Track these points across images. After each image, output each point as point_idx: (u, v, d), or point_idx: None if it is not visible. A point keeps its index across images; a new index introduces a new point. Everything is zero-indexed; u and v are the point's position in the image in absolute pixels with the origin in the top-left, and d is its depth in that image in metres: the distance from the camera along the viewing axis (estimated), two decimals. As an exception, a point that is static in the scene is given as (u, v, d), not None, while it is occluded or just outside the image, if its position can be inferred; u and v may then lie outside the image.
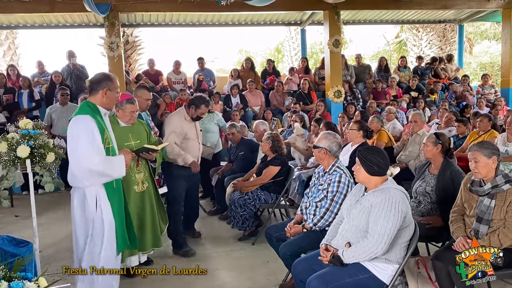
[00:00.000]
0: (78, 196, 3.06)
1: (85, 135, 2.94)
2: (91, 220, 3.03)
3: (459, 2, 10.07)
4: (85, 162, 2.93)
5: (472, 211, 3.08)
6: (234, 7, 8.37)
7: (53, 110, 7.84)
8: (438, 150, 3.81)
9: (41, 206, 6.03)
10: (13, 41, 13.27)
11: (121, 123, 3.97)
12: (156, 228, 4.12)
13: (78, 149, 2.92)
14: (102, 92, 3.09)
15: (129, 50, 12.92)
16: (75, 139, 2.95)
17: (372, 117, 6.82)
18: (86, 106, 3.08)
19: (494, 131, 6.14)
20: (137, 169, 3.96)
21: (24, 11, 8.37)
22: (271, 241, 3.77)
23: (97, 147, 2.99)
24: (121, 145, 3.68)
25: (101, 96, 3.10)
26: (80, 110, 3.07)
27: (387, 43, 22.48)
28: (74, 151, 2.95)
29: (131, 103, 3.94)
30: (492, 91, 10.95)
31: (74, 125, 2.99)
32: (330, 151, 3.56)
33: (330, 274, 2.76)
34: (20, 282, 2.09)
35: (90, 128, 2.97)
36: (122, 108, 3.93)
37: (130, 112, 3.94)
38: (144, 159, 4.00)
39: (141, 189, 4.01)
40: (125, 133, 3.94)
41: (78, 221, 3.07)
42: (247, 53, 24.10)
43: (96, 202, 3.02)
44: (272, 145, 5.03)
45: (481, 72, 18.99)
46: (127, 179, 3.79)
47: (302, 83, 9.82)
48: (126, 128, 3.98)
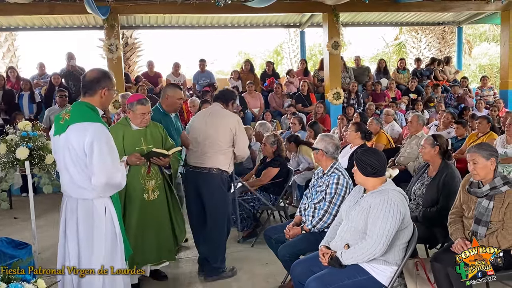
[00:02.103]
0: (85, 208, 2.70)
1: (105, 149, 2.61)
2: (102, 235, 2.72)
3: (458, 4, 10.10)
4: (107, 178, 2.61)
5: (471, 213, 3.09)
6: (233, 9, 8.39)
7: (52, 112, 7.84)
8: (436, 152, 3.80)
9: (40, 208, 6.02)
10: (12, 43, 13.29)
11: (133, 126, 3.66)
12: (168, 239, 3.80)
13: (97, 165, 2.58)
14: (100, 92, 2.75)
15: (129, 52, 12.94)
16: (91, 153, 2.58)
17: (371, 119, 6.83)
18: (89, 110, 2.71)
19: (493, 133, 6.15)
20: (148, 176, 3.63)
21: (24, 13, 8.38)
22: (270, 243, 3.77)
23: (117, 159, 2.74)
24: (132, 150, 3.53)
25: (99, 97, 2.75)
26: (83, 114, 2.68)
27: (386, 45, 22.53)
28: (89, 164, 2.60)
29: (141, 104, 3.60)
30: (491, 93, 10.96)
31: (85, 135, 2.59)
32: (327, 152, 3.56)
33: (329, 276, 2.76)
34: (18, 284, 2.09)
35: (107, 139, 2.65)
36: (132, 109, 3.62)
37: (141, 114, 3.60)
38: (156, 165, 3.66)
39: (152, 197, 3.66)
40: (137, 137, 3.64)
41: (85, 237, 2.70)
42: (246, 55, 24.13)
43: (105, 213, 2.73)
44: (277, 149, 5.09)
45: (480, 74, 19.01)
46: (137, 187, 3.58)
47: (302, 85, 9.83)
48: (138, 132, 3.66)
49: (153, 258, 3.75)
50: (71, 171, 2.67)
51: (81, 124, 2.63)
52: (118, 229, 2.79)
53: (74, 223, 2.69)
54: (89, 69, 2.89)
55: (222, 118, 3.92)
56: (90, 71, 2.83)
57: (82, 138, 2.59)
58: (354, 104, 9.66)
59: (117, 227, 2.78)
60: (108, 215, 2.73)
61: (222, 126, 3.88)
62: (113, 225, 2.76)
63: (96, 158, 2.57)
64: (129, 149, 3.52)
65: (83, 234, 2.68)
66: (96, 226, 2.69)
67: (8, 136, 3.92)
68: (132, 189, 3.56)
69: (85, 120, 2.64)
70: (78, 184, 2.66)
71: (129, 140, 3.58)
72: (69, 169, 2.67)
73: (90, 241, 2.69)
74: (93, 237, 2.69)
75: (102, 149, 2.59)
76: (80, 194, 2.68)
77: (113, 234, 2.76)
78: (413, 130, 5.91)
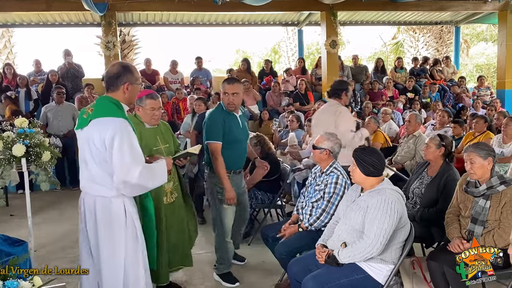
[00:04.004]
0: (103, 207, 2.58)
1: (126, 145, 2.49)
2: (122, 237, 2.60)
3: (456, 4, 10.14)
4: (123, 176, 2.48)
5: (468, 212, 3.09)
6: (230, 7, 8.40)
7: (49, 109, 7.82)
8: (440, 152, 3.75)
9: (36, 205, 6.01)
10: (9, 39, 13.25)
11: (146, 125, 3.42)
12: (185, 243, 3.66)
13: (115, 161, 2.47)
14: (123, 88, 2.62)
15: (126, 49, 12.93)
16: (110, 148, 2.48)
17: (368, 118, 6.84)
18: (112, 105, 2.59)
19: (489, 133, 6.16)
20: (169, 177, 3.36)
21: (21, 9, 8.37)
22: (267, 241, 3.77)
23: (139, 157, 2.57)
24: (150, 150, 3.30)
25: (122, 92, 2.63)
26: (107, 109, 2.58)
27: (384, 44, 22.56)
28: (108, 160, 2.50)
29: (151, 98, 3.38)
30: (488, 92, 11.00)
31: (107, 130, 2.49)
32: (332, 152, 3.54)
33: (325, 274, 2.76)
34: (14, 281, 2.08)
35: (128, 135, 2.53)
36: (141, 105, 3.38)
37: (151, 109, 3.36)
38: (174, 166, 3.49)
39: (170, 200, 3.50)
40: (153, 136, 3.41)
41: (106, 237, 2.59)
42: (244, 53, 24.12)
43: (125, 213, 2.60)
44: (262, 150, 5.06)
45: (477, 74, 19.08)
46: (157, 190, 3.27)
47: (299, 84, 9.84)
48: (153, 130, 3.44)
49: (174, 263, 3.59)
50: (90, 166, 2.58)
51: (103, 119, 2.54)
52: (140, 231, 2.67)
53: (93, 222, 2.60)
54: (111, 64, 2.77)
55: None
56: (111, 65, 2.71)
57: (103, 133, 2.49)
58: (351, 103, 9.66)
59: (138, 229, 2.66)
60: (129, 216, 2.61)
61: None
62: (134, 226, 2.64)
63: (116, 154, 2.47)
64: (147, 150, 3.27)
65: (104, 233, 2.59)
66: (117, 226, 2.59)
67: (4, 133, 3.90)
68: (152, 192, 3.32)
69: (108, 115, 2.54)
70: (96, 181, 2.57)
71: (146, 140, 3.32)
72: (89, 165, 2.58)
73: (111, 242, 2.59)
74: (114, 238, 2.59)
75: (123, 145, 2.48)
76: (98, 191, 2.58)
77: (134, 237, 2.64)
78: (411, 129, 5.92)
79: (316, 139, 3.65)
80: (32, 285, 2.12)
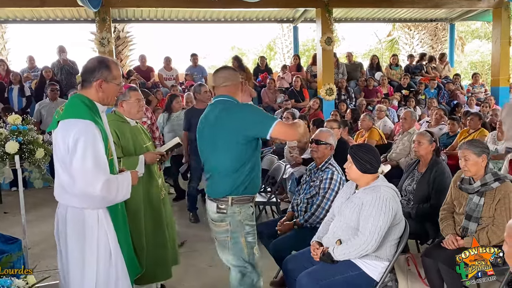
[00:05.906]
0: (75, 218, 2.33)
1: (89, 151, 2.19)
2: (94, 253, 2.33)
3: (451, 1, 10.16)
4: (83, 186, 2.22)
5: (462, 209, 3.11)
6: (226, 3, 8.37)
7: (43, 106, 7.78)
8: (432, 148, 3.85)
9: (30, 203, 5.97)
10: (2, 35, 13.12)
11: (131, 121, 3.28)
12: (174, 242, 3.56)
13: (76, 168, 2.20)
14: (96, 85, 2.33)
15: (120, 46, 12.83)
16: (73, 153, 2.20)
17: (364, 115, 6.86)
18: (81, 104, 2.30)
19: (484, 130, 6.19)
20: (159, 173, 3.36)
21: (14, 5, 8.29)
22: (262, 238, 3.76)
23: (103, 166, 2.25)
24: (140, 149, 3.21)
25: (95, 90, 2.34)
26: (75, 110, 2.29)
27: (379, 41, 22.60)
28: (68, 167, 2.23)
29: (134, 90, 3.30)
30: (482, 90, 11.04)
31: (70, 133, 2.21)
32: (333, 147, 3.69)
33: (320, 271, 2.76)
34: (8, 279, 2.07)
35: (94, 140, 2.22)
36: (125, 99, 3.22)
37: (136, 100, 3.24)
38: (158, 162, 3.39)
39: (162, 196, 3.40)
40: (139, 133, 3.30)
41: (75, 250, 2.35)
42: (239, 50, 24.07)
43: (98, 226, 2.34)
44: None
45: (471, 71, 19.16)
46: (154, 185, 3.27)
47: (294, 81, 9.83)
48: (136, 128, 3.33)
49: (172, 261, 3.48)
50: (59, 173, 2.32)
51: (69, 120, 2.26)
52: (114, 245, 2.38)
53: (64, 235, 2.38)
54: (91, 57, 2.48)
55: None
56: (89, 59, 2.42)
57: (67, 137, 2.21)
58: (346, 99, 9.68)
59: (112, 243, 2.37)
60: (102, 229, 2.33)
61: None
62: (107, 241, 2.35)
63: (76, 160, 2.18)
64: (137, 148, 3.21)
65: (75, 252, 2.34)
66: (88, 242, 2.32)
67: (-3, 130, 3.86)
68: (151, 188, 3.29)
69: (75, 116, 2.25)
70: (66, 189, 2.29)
71: (135, 137, 3.23)
72: (58, 171, 2.32)
73: (81, 260, 2.33)
74: (84, 258, 2.33)
75: (86, 150, 2.18)
76: (68, 201, 2.33)
77: (107, 253, 2.35)
78: (407, 126, 5.94)
79: (319, 135, 3.68)
80: (26, 283, 2.11)
